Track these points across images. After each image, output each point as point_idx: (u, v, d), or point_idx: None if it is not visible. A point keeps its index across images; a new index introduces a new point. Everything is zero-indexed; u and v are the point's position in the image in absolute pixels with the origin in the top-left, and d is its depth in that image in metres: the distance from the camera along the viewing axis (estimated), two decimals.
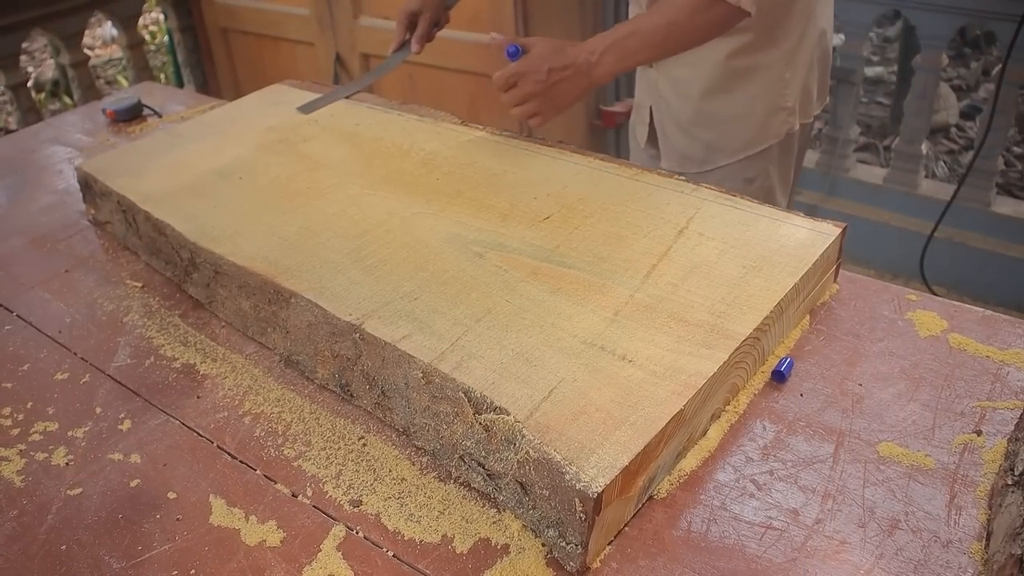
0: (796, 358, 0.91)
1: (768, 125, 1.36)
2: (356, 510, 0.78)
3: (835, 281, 1.02)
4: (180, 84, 3.36)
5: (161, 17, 3.93)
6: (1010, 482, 0.71)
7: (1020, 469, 0.70)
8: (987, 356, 0.89)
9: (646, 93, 1.50)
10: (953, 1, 2.29)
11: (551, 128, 2.61)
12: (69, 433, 0.90)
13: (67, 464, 0.86)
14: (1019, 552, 0.63)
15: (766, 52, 1.29)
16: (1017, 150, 3.24)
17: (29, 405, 0.94)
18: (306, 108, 1.38)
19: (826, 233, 0.97)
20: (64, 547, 0.77)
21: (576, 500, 0.67)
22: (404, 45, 1.46)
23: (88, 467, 0.85)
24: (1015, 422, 0.80)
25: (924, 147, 2.57)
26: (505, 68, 1.17)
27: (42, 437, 0.89)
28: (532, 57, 1.16)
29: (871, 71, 3.74)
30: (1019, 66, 2.24)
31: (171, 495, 0.81)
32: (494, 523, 0.75)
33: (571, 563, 0.70)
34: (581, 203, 1.06)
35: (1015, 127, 3.32)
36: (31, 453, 0.87)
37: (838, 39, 2.59)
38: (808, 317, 0.97)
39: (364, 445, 0.85)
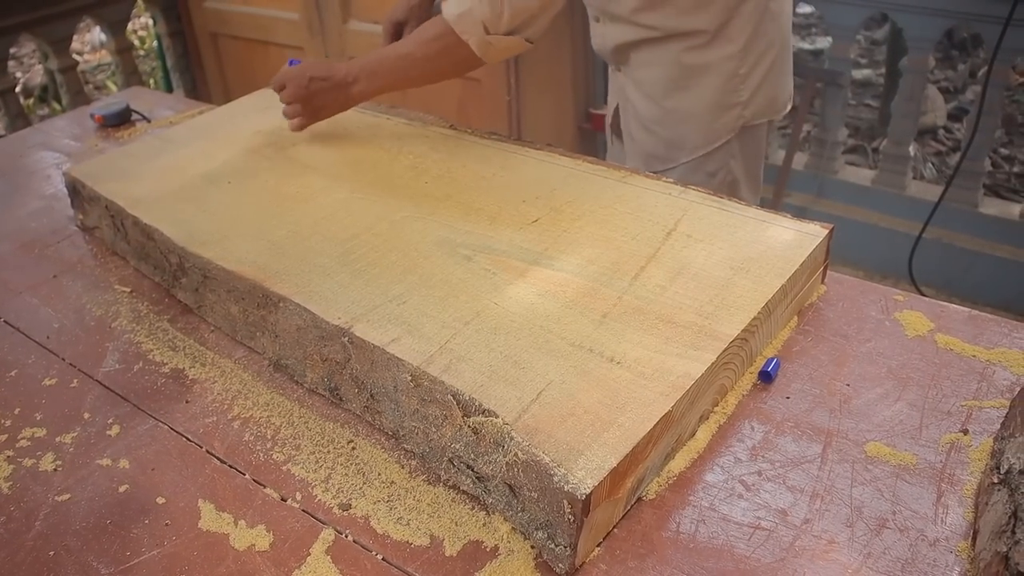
0: (784, 359, 0.91)
1: (723, 120, 1.38)
2: (345, 513, 0.78)
3: (823, 282, 1.02)
4: (169, 89, 3.35)
5: (150, 22, 3.91)
6: (996, 480, 0.71)
7: (1006, 467, 0.71)
8: (973, 356, 0.90)
9: (614, 95, 1.54)
10: (940, 4, 2.30)
11: (539, 131, 2.63)
12: (57, 439, 0.89)
13: (55, 470, 0.85)
14: (1005, 550, 0.63)
15: (718, 49, 1.32)
16: (1004, 151, 3.26)
17: (17, 411, 0.94)
18: None
19: (813, 234, 0.97)
20: (52, 553, 0.76)
21: (565, 502, 0.67)
22: None
23: (76, 473, 0.85)
24: (1001, 421, 0.80)
25: (912, 149, 2.59)
26: (277, 74, 1.26)
27: (30, 443, 0.89)
28: (301, 66, 1.26)
29: (859, 73, 3.76)
30: (1005, 68, 2.26)
31: (160, 500, 0.81)
32: (483, 525, 0.75)
33: (560, 565, 0.70)
34: (569, 206, 1.06)
35: (1002, 128, 3.33)
36: (19, 459, 0.87)
37: (826, 42, 2.60)
38: (796, 318, 0.97)
39: (353, 448, 0.85)
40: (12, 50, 2.80)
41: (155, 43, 3.55)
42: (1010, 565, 0.61)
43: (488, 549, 0.73)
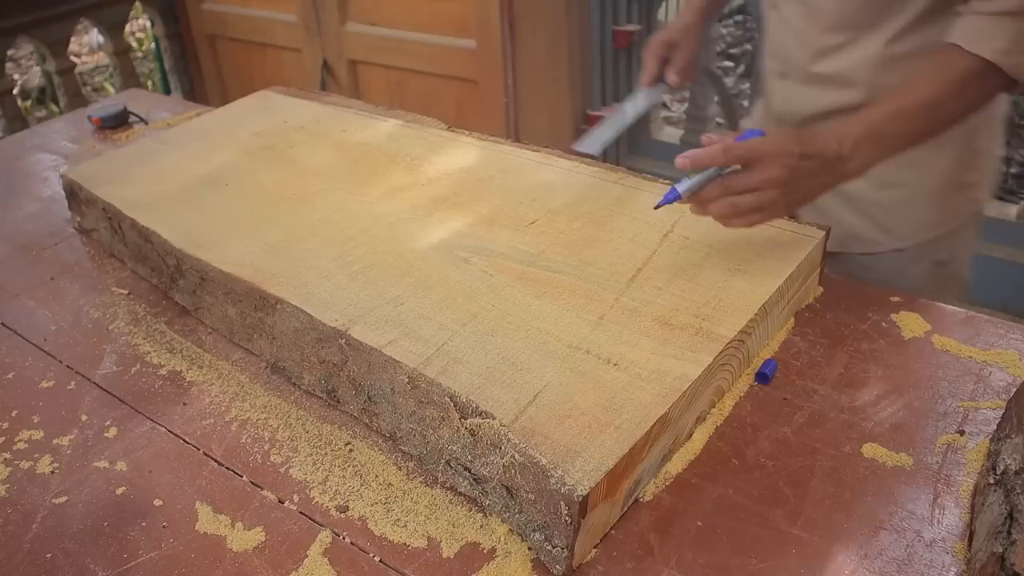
0: (781, 360, 0.91)
1: (955, 202, 1.17)
2: (342, 516, 0.78)
3: (819, 284, 1.02)
4: (167, 91, 3.35)
5: (148, 24, 3.92)
6: (992, 481, 0.71)
7: (1002, 468, 0.71)
8: (970, 357, 0.90)
9: None
10: None
11: (537, 133, 2.63)
12: (54, 441, 0.89)
13: (52, 472, 0.85)
14: (1001, 550, 0.63)
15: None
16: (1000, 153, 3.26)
17: (14, 413, 0.94)
18: (583, 145, 1.18)
19: (810, 236, 0.98)
20: (49, 555, 0.76)
21: (562, 503, 0.67)
22: (658, 80, 1.27)
23: (73, 475, 0.85)
24: (997, 422, 0.80)
25: None
26: (741, 143, 0.89)
27: (27, 445, 0.89)
28: (779, 140, 0.91)
29: None
30: None
31: (157, 502, 0.81)
32: (480, 527, 0.75)
33: (557, 566, 0.70)
34: (567, 208, 1.06)
35: None
36: (16, 462, 0.87)
37: None
38: (793, 319, 0.97)
39: (350, 451, 0.85)
40: (10, 52, 2.80)
41: (153, 45, 3.55)
42: (1006, 566, 0.62)
43: (485, 551, 0.73)
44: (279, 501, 0.80)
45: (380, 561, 0.73)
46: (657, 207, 0.93)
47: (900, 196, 1.16)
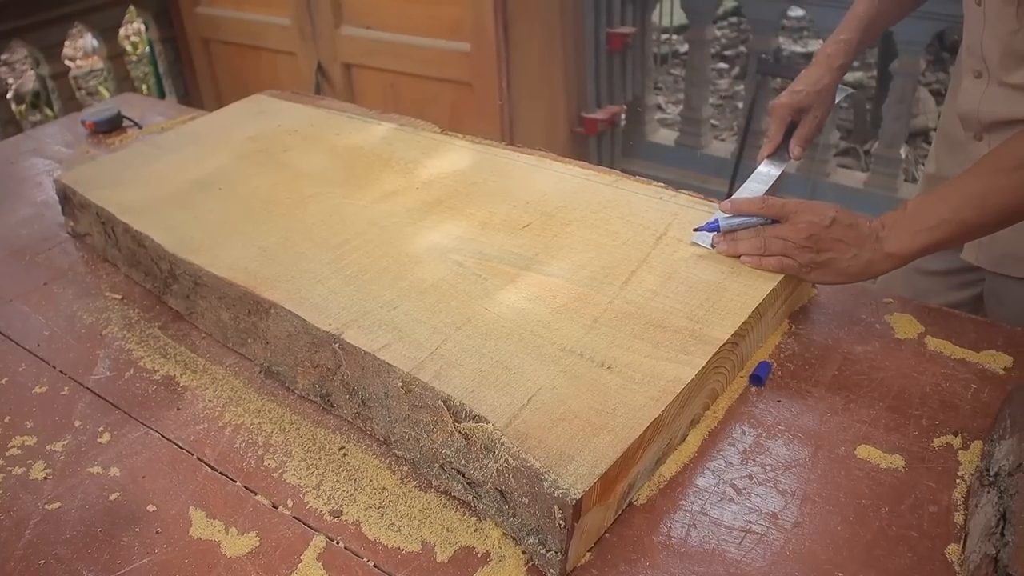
0: (775, 362, 0.91)
1: None
2: (337, 520, 0.77)
3: (813, 286, 1.02)
4: (162, 95, 3.35)
5: (142, 28, 3.92)
6: (986, 483, 0.71)
7: (995, 470, 0.71)
8: (963, 358, 0.90)
9: (960, 167, 1.06)
10: (930, 7, 2.29)
11: (532, 135, 2.63)
12: (48, 447, 0.89)
13: (45, 478, 0.85)
14: (994, 552, 0.63)
15: None
16: None
17: (7, 419, 0.93)
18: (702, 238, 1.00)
19: None
20: (42, 562, 0.76)
21: (555, 507, 0.67)
22: (780, 151, 1.15)
23: (67, 481, 0.85)
24: (991, 423, 0.81)
25: (903, 151, 2.60)
26: (778, 199, 0.93)
27: (20, 451, 0.89)
28: (816, 202, 0.93)
29: (851, 76, 3.77)
30: None
31: (151, 508, 0.81)
32: (475, 531, 0.75)
33: (551, 570, 0.70)
34: (560, 211, 1.06)
35: None
36: (8, 468, 0.87)
37: (817, 45, 2.60)
38: (787, 321, 0.97)
39: (345, 455, 0.85)
40: (4, 56, 2.80)
41: (147, 49, 3.55)
42: (999, 567, 0.62)
43: (479, 555, 0.73)
44: (273, 506, 0.80)
45: (374, 566, 0.73)
46: (696, 230, 0.98)
47: None
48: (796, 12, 3.95)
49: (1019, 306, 1.11)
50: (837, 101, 1.18)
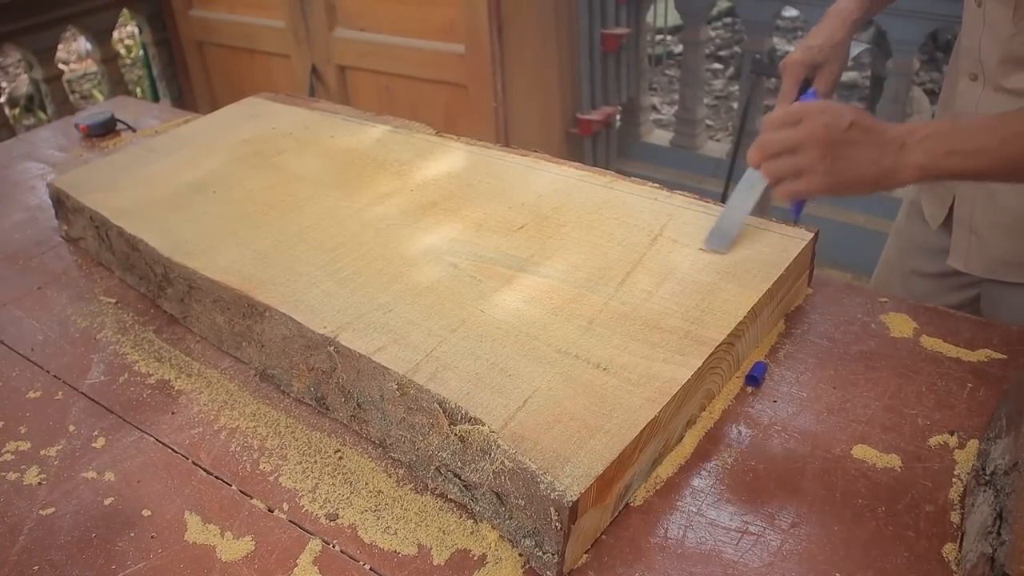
0: (771, 363, 0.91)
1: None
2: (333, 523, 0.77)
3: (809, 285, 1.02)
4: (156, 98, 3.34)
5: (136, 31, 3.91)
6: (982, 482, 0.71)
7: (991, 468, 0.71)
8: (958, 357, 0.90)
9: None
10: (924, 6, 2.31)
11: (527, 137, 2.63)
12: (42, 452, 0.89)
13: (40, 483, 0.85)
14: (991, 551, 0.63)
15: None
16: None
17: (0, 424, 0.93)
18: (715, 243, 0.98)
19: (798, 238, 0.98)
20: (37, 568, 0.76)
21: (552, 509, 0.67)
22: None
23: (61, 486, 0.84)
24: (987, 422, 0.81)
25: None
26: (792, 104, 0.88)
27: (14, 456, 0.88)
28: (834, 104, 0.87)
29: (845, 76, 3.77)
30: None
31: (146, 512, 0.80)
32: (471, 534, 0.75)
33: (548, 572, 0.70)
34: (555, 212, 1.06)
35: None
36: (2, 473, 0.86)
37: None
38: (782, 322, 0.97)
39: (340, 458, 0.85)
40: None
41: (141, 52, 3.54)
42: (996, 566, 0.62)
43: (476, 557, 0.73)
44: (269, 510, 0.80)
45: (370, 569, 0.73)
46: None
47: None
48: (790, 12, 3.95)
49: (1017, 312, 1.10)
50: (852, 56, 1.14)
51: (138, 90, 4.11)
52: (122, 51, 4.74)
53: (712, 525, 0.74)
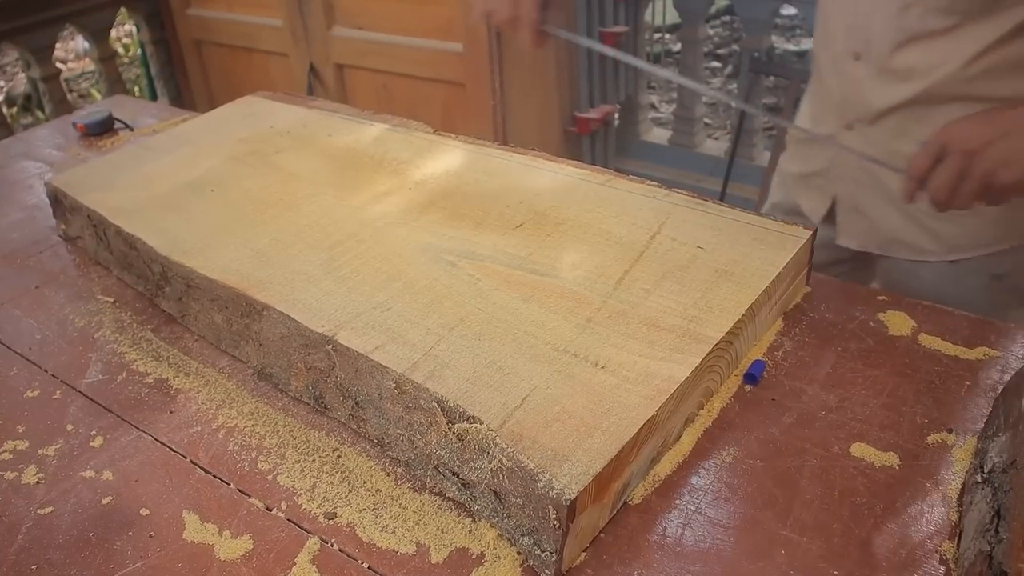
0: (769, 361, 0.91)
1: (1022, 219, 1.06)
2: (331, 522, 0.77)
3: (807, 283, 1.02)
4: (154, 97, 3.34)
5: (134, 30, 3.90)
6: (980, 479, 0.71)
7: (989, 466, 0.71)
8: (956, 355, 0.90)
9: (829, 161, 1.19)
10: None
11: (525, 135, 2.63)
12: (40, 451, 0.89)
13: (37, 483, 0.85)
14: (988, 549, 0.63)
15: None
16: None
17: None
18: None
19: (797, 236, 0.98)
20: (35, 567, 0.76)
21: (550, 507, 0.67)
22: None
23: (59, 485, 0.84)
24: (984, 420, 0.81)
25: None
26: (926, 146, 0.87)
27: (12, 456, 0.88)
28: (952, 122, 0.86)
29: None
30: None
31: (144, 512, 0.80)
32: (469, 532, 0.75)
33: (546, 571, 0.70)
34: (554, 210, 1.06)
35: None
36: (0, 472, 0.86)
37: (810, 43, 2.60)
38: (781, 320, 0.97)
39: (338, 457, 0.85)
40: None
41: (139, 51, 3.53)
42: (993, 564, 0.62)
43: (474, 556, 0.73)
44: (267, 509, 0.79)
45: (369, 568, 0.73)
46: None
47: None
48: (788, 11, 3.95)
49: (914, 282, 1.13)
50: None
51: (136, 89, 4.10)
52: (120, 50, 4.73)
53: (710, 523, 0.74)
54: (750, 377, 0.89)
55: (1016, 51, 0.95)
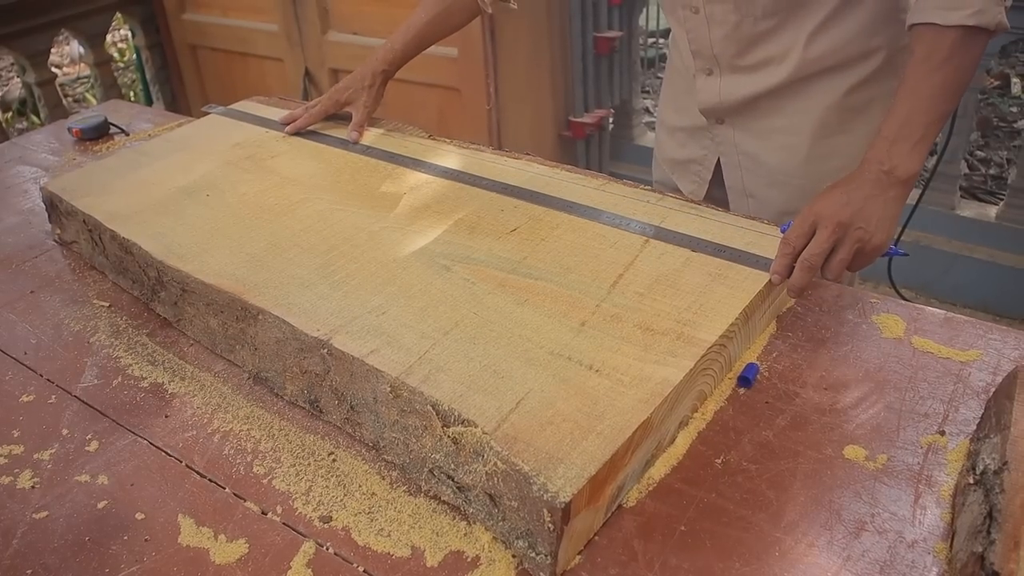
0: (762, 363, 0.92)
1: None
2: (326, 526, 0.77)
3: None
4: (149, 101, 3.34)
5: (129, 35, 3.90)
6: (972, 481, 0.72)
7: (981, 468, 0.72)
8: (949, 358, 0.91)
9: (705, 148, 1.33)
10: None
11: (519, 140, 2.63)
12: (35, 456, 0.89)
13: (33, 487, 0.85)
14: (981, 550, 0.64)
15: (888, 80, 1.13)
16: (980, 154, 3.29)
17: None
18: None
19: None
20: (30, 571, 0.76)
21: (544, 510, 0.67)
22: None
23: (54, 490, 0.84)
24: (977, 422, 0.81)
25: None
26: (792, 229, 0.95)
27: (7, 460, 0.88)
28: (816, 199, 0.96)
29: None
30: (979, 72, 2.28)
31: (139, 516, 0.80)
32: (464, 535, 0.75)
33: (541, 573, 0.70)
34: (548, 215, 1.06)
35: (977, 131, 3.37)
36: None
37: None
38: (774, 323, 0.98)
39: (334, 460, 0.85)
40: None
41: (134, 55, 3.53)
42: (986, 565, 0.62)
43: (469, 559, 0.73)
44: (262, 512, 0.80)
45: (364, 571, 0.73)
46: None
47: (829, 167, 1.17)
48: None
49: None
50: None
51: (131, 94, 4.11)
52: (115, 55, 4.73)
53: (704, 526, 0.74)
54: (744, 380, 0.89)
55: (847, 25, 1.10)
